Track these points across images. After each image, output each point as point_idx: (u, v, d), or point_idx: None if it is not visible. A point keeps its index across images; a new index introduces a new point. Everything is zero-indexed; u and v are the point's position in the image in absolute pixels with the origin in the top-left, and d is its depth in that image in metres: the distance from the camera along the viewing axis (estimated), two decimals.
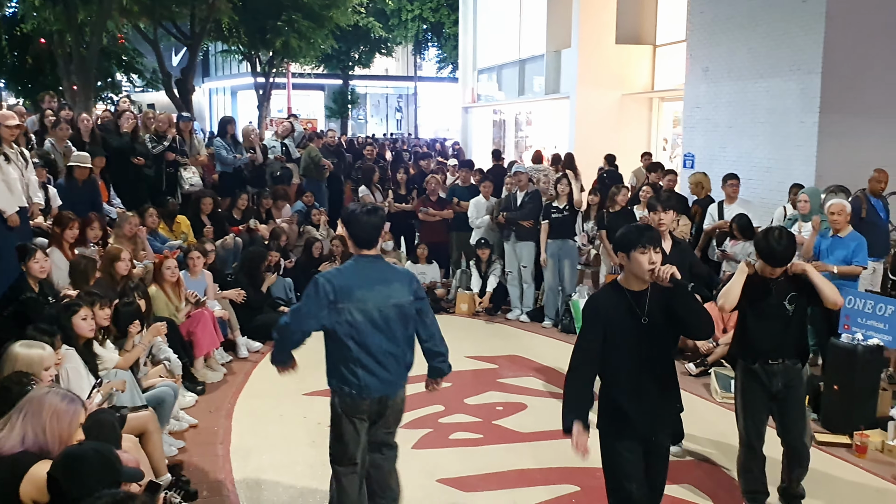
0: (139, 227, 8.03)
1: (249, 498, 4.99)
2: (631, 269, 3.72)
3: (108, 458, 3.11)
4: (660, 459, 3.99)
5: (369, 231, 4.16)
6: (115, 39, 24.29)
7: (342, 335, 4.02)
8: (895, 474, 5.44)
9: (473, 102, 26.21)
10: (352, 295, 4.02)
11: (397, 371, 4.20)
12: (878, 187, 8.62)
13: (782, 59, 11.57)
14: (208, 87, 50.49)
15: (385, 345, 4.09)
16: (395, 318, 4.11)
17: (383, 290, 4.09)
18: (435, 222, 10.59)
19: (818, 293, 4.51)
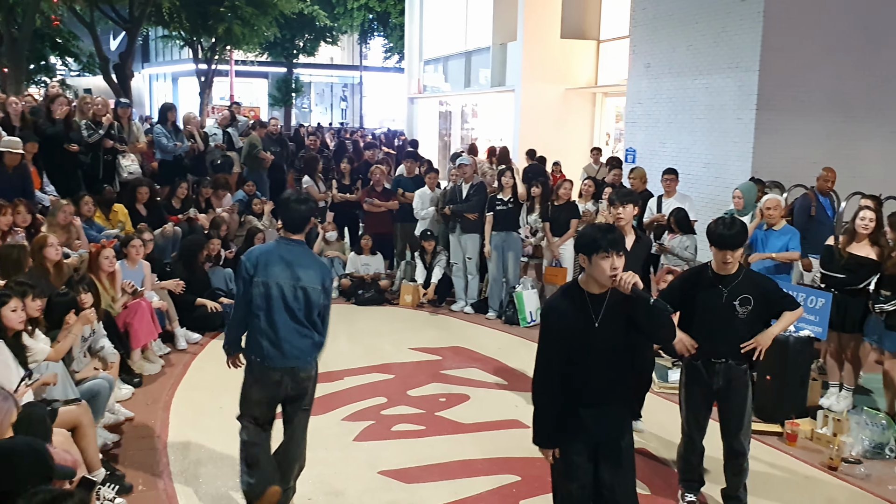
0: (73, 215, 7.81)
1: (187, 491, 4.92)
2: (591, 272, 3.60)
3: (41, 453, 3.04)
4: (613, 461, 3.80)
5: (297, 218, 4.48)
6: (50, 21, 23.55)
7: (254, 307, 4.39)
8: (823, 461, 5.61)
9: (419, 93, 26.16)
10: (267, 270, 4.38)
11: (303, 347, 4.46)
12: (825, 186, 8.77)
13: (721, 57, 11.81)
14: (148, 72, 49.41)
15: (291, 322, 4.40)
16: (303, 299, 4.40)
17: (296, 272, 4.40)
18: (380, 213, 10.54)
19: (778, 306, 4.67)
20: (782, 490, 5.24)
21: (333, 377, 7.08)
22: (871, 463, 5.61)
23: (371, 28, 40.67)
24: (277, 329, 4.37)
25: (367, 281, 9.99)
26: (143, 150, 10.32)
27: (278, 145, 12.48)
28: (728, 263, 4.55)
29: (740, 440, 4.75)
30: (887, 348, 6.16)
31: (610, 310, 3.63)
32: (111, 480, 4.77)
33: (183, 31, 25.86)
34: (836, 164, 11.23)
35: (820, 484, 5.36)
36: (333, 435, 5.83)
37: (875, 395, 6.93)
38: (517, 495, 5.00)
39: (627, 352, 3.72)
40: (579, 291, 3.68)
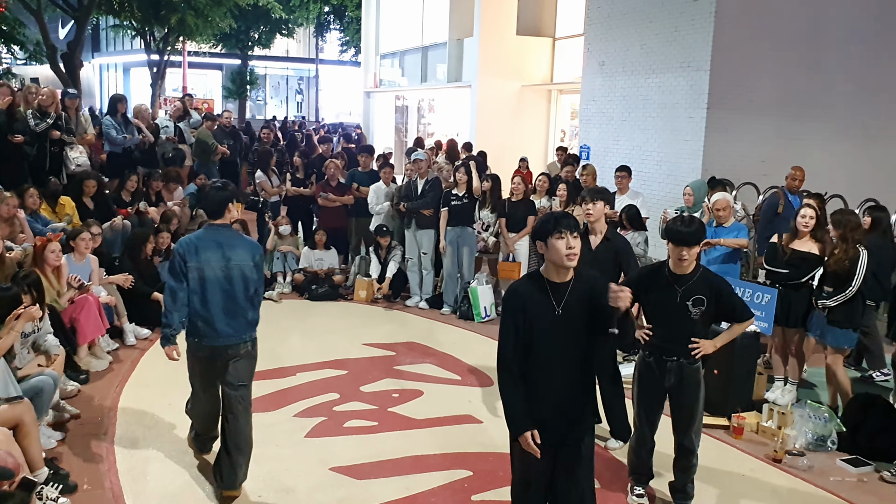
0: (17, 208, 7.61)
1: (134, 490, 4.84)
2: (550, 257, 3.58)
3: None
4: (573, 459, 3.72)
5: (216, 204, 4.78)
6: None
7: (190, 291, 4.64)
8: (768, 454, 5.74)
9: (376, 87, 26.04)
10: (198, 256, 4.64)
11: (237, 326, 4.73)
12: (794, 185, 8.84)
13: (673, 56, 11.98)
14: (99, 62, 48.34)
15: (225, 302, 4.67)
16: (237, 278, 4.69)
17: (226, 253, 4.68)
18: (334, 208, 10.48)
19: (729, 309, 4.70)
20: (728, 482, 5.34)
21: (286, 373, 7.04)
22: (813, 455, 5.74)
23: (327, 21, 40.34)
24: (211, 310, 4.64)
25: (321, 276, 9.92)
26: (91, 142, 10.11)
27: (231, 138, 12.33)
28: (684, 260, 4.55)
29: (690, 438, 4.81)
30: (829, 343, 6.32)
31: (573, 299, 3.59)
32: (55, 480, 4.66)
33: (134, 20, 25.32)
34: (784, 163, 11.47)
35: (764, 475, 5.48)
36: (284, 431, 5.78)
37: (819, 388, 7.13)
38: (469, 490, 5.02)
39: (589, 347, 3.67)
40: (541, 279, 3.65)
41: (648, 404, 4.89)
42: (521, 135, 17.96)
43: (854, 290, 6.10)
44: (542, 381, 3.65)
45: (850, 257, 6.11)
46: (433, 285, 9.72)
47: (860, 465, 5.60)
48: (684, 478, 4.90)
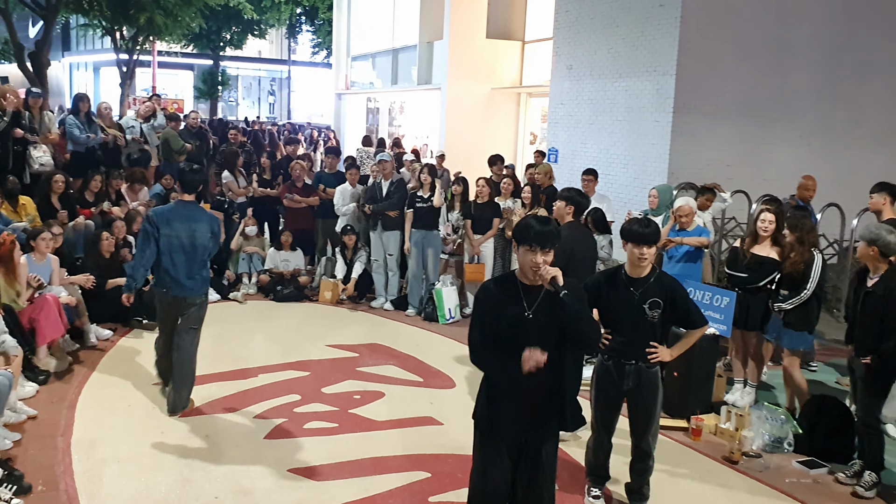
0: None
1: (89, 492, 4.79)
2: (519, 261, 3.66)
3: None
4: (534, 465, 3.75)
5: (189, 183, 6.12)
6: None
7: (160, 251, 5.88)
8: (725, 455, 5.81)
9: (347, 89, 26.00)
10: (169, 224, 5.91)
11: (193, 282, 6.00)
12: (806, 194, 8.69)
13: (639, 60, 12.09)
14: (69, 61, 47.80)
15: (185, 262, 5.92)
16: (199, 246, 5.97)
17: (191, 225, 5.95)
18: (300, 209, 10.46)
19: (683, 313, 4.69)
20: (685, 483, 5.41)
21: (248, 374, 7.02)
22: (770, 456, 5.83)
23: (299, 22, 40.22)
24: (177, 268, 5.90)
25: (287, 277, 9.89)
26: (55, 141, 9.98)
27: (197, 139, 12.23)
28: (643, 260, 4.58)
29: (647, 441, 4.85)
30: (785, 345, 6.41)
31: (544, 302, 3.65)
32: (8, 481, 4.62)
33: (103, 19, 25.05)
34: (748, 167, 11.69)
35: (721, 476, 5.54)
36: (244, 433, 5.76)
37: (777, 391, 7.22)
38: (427, 492, 5.03)
39: (557, 352, 3.65)
40: (514, 280, 3.73)
41: (606, 407, 4.92)
42: (490, 137, 18.01)
43: (809, 293, 6.20)
44: (505, 380, 3.68)
45: (806, 260, 6.21)
46: (398, 287, 9.72)
47: (816, 467, 5.69)
48: (640, 480, 4.96)
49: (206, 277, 6.15)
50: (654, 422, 4.83)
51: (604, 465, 5.06)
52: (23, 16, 30.54)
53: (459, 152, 17.21)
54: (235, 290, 9.67)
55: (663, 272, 4.81)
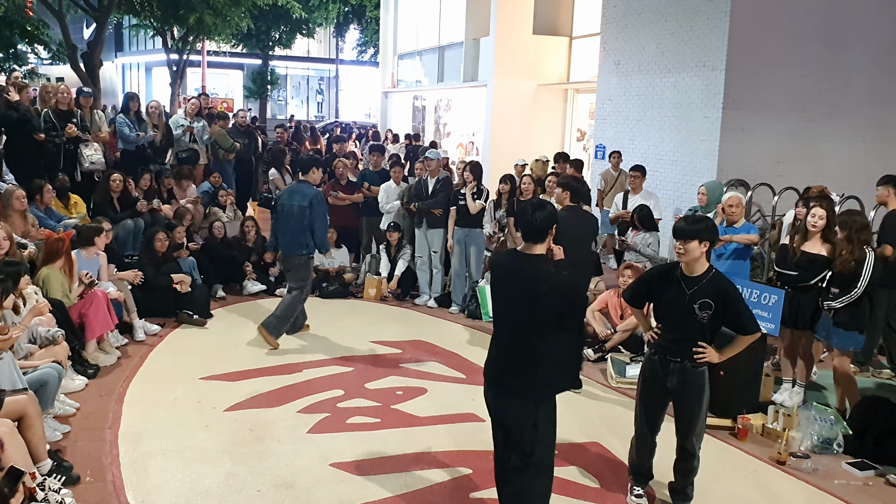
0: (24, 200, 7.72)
1: (135, 483, 4.88)
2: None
3: None
4: (504, 429, 4.19)
5: (304, 164, 8.02)
6: (20, 8, 23.17)
7: (277, 219, 7.97)
8: (772, 456, 5.69)
9: (393, 87, 26.10)
10: (282, 198, 7.86)
11: (293, 243, 7.71)
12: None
13: (688, 55, 11.90)
14: (122, 62, 48.86)
15: (291, 226, 7.65)
16: (297, 214, 7.57)
17: (296, 197, 7.63)
18: (345, 206, 10.52)
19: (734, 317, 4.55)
20: (730, 483, 5.30)
21: (292, 369, 7.08)
22: (818, 457, 5.68)
23: (346, 21, 40.48)
24: (285, 232, 7.73)
25: (332, 274, 9.96)
26: (106, 139, 10.20)
27: (246, 137, 12.39)
28: (680, 255, 4.53)
29: (692, 442, 4.76)
30: (835, 345, 6.25)
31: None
32: (58, 471, 4.72)
33: (154, 20, 25.54)
34: (799, 164, 11.43)
35: (767, 477, 5.43)
36: (287, 427, 5.81)
37: (828, 391, 7.05)
38: (469, 488, 5.02)
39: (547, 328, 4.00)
40: (517, 251, 4.19)
41: (650, 404, 4.86)
42: (536, 134, 17.93)
43: (860, 292, 6.01)
44: (500, 342, 4.19)
45: (857, 258, 6.03)
46: (442, 284, 9.72)
47: (866, 469, 5.54)
48: (684, 480, 4.88)
49: (306, 243, 7.63)
50: (698, 422, 4.73)
51: (646, 464, 4.98)
52: (77, 18, 31.32)
53: (506, 149, 17.15)
54: (282, 287, 9.76)
55: (720, 273, 4.66)
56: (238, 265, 9.71)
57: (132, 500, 4.68)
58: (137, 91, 34.17)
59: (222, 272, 9.58)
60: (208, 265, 9.30)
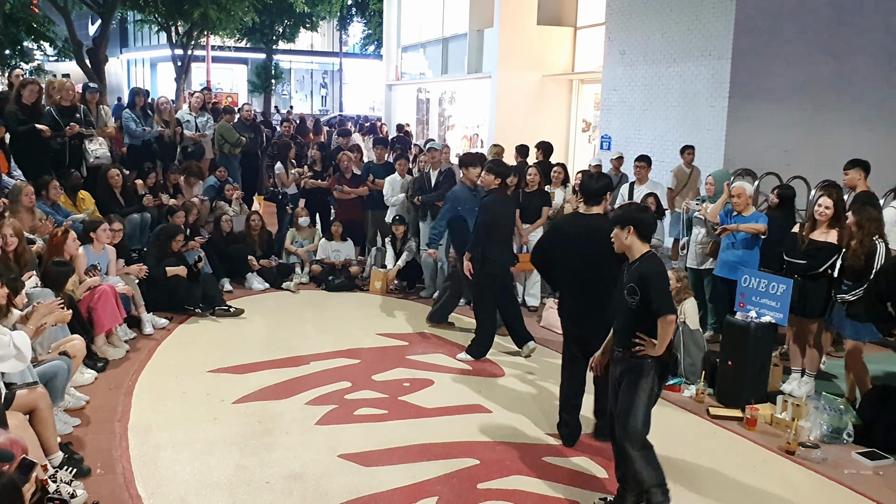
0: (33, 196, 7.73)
1: (145, 475, 4.90)
2: None
3: None
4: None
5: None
6: (26, 6, 23.23)
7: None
8: (781, 445, 5.67)
9: (397, 80, 26.07)
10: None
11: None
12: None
13: (694, 45, 11.85)
14: (126, 57, 48.89)
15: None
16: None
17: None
18: (351, 200, 10.52)
19: (649, 299, 4.31)
20: (738, 473, 5.28)
21: (300, 362, 7.10)
22: (828, 447, 5.66)
23: (350, 14, 40.43)
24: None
25: (338, 267, 9.97)
26: (111, 134, 10.20)
27: (251, 131, 12.39)
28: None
29: (621, 438, 4.43)
30: (848, 336, 6.23)
31: None
32: (69, 464, 4.73)
33: (158, 15, 25.55)
34: (806, 152, 11.38)
35: (776, 467, 5.42)
36: (296, 419, 5.82)
37: (838, 380, 7.02)
38: (476, 478, 5.02)
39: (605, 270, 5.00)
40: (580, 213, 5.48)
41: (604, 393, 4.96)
42: (541, 125, 17.87)
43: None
44: (567, 297, 5.73)
45: (866, 251, 6.01)
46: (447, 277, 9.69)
47: (876, 459, 5.52)
48: (634, 487, 4.47)
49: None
50: (629, 419, 4.37)
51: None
52: (82, 14, 31.34)
53: (511, 141, 17.08)
54: (288, 280, 9.79)
55: (650, 257, 4.40)
56: (243, 259, 9.72)
57: (142, 491, 4.70)
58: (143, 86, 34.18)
59: (228, 266, 9.60)
60: (215, 259, 9.32)
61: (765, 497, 4.99)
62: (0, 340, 4.61)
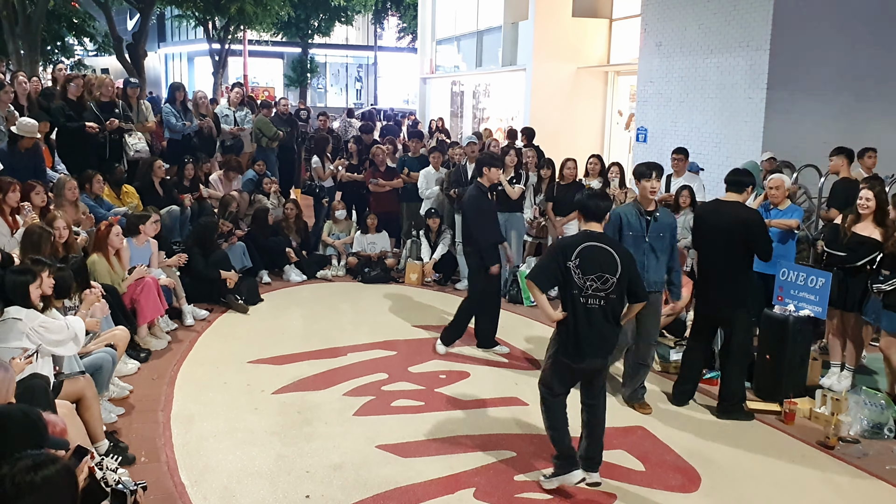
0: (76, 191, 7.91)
1: (188, 464, 5.01)
2: None
3: (34, 419, 3.13)
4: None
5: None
6: (67, 1, 23.66)
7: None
8: (820, 440, 5.63)
9: (432, 73, 26.09)
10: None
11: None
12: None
13: (732, 36, 11.72)
14: (164, 52, 49.46)
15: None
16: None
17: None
18: (386, 193, 10.58)
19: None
20: (777, 468, 5.26)
21: (337, 353, 7.18)
22: (868, 442, 5.62)
23: (385, 8, 40.50)
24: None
25: (374, 259, 10.06)
26: (152, 129, 10.38)
27: (288, 125, 12.51)
28: None
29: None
30: (884, 328, 6.14)
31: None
32: (114, 452, 4.86)
33: (196, 10, 25.86)
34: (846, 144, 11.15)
35: (816, 462, 5.38)
36: (334, 409, 5.90)
37: (879, 375, 6.94)
38: (512, 471, 5.06)
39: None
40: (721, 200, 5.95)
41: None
42: (576, 117, 17.80)
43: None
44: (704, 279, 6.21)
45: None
46: None
47: None
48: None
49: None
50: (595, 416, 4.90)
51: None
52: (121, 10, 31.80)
53: (544, 133, 17.03)
54: (325, 270, 9.92)
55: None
56: (281, 251, 9.84)
57: (186, 480, 4.81)
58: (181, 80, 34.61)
59: (266, 258, 9.74)
60: (254, 251, 9.45)
61: (804, 492, 4.96)
62: (57, 325, 4.76)
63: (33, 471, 2.56)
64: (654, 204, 5.95)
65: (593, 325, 4.61)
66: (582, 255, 4.61)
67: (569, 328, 4.66)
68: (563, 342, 4.73)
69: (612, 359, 5.62)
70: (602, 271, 4.58)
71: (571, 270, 4.60)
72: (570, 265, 4.60)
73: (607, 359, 4.85)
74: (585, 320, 4.61)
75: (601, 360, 4.75)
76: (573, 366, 4.71)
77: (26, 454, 2.61)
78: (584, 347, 4.64)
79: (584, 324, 4.61)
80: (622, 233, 5.85)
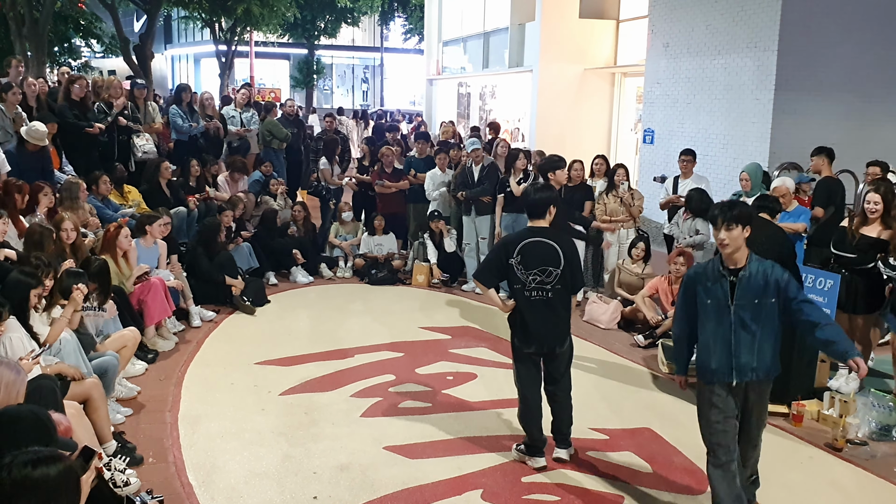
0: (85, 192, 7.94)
1: (195, 464, 5.02)
2: None
3: (43, 420, 3.13)
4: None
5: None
6: (73, 3, 23.74)
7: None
8: (827, 442, 5.62)
9: (438, 74, 26.09)
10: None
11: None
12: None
13: (739, 36, 11.69)
14: (171, 53, 49.60)
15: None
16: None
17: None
18: (393, 194, 10.58)
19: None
20: (785, 469, 5.24)
21: (344, 354, 7.19)
22: (877, 444, 5.60)
23: (391, 9, 40.55)
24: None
25: (380, 261, 10.06)
26: (159, 130, 10.41)
27: (294, 126, 12.52)
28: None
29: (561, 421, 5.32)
30: (893, 328, 6.12)
31: None
32: (122, 452, 4.88)
33: (202, 11, 25.93)
34: (854, 146, 11.14)
35: (823, 464, 5.37)
36: (341, 411, 5.91)
37: (888, 378, 6.90)
38: (520, 472, 5.05)
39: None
40: None
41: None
42: (583, 119, 17.78)
43: None
44: None
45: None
46: None
47: None
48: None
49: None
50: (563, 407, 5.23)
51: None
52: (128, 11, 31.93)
53: (551, 135, 17.07)
54: (332, 271, 9.95)
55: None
56: (288, 253, 9.85)
57: (193, 480, 4.82)
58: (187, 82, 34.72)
59: (273, 259, 9.75)
60: (260, 253, 9.47)
61: (811, 494, 4.95)
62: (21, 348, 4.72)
63: (31, 465, 2.50)
64: (740, 258, 4.14)
65: (538, 316, 4.92)
66: (523, 251, 4.88)
67: (516, 319, 5.02)
68: (514, 330, 5.07)
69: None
70: (545, 265, 4.87)
71: (514, 267, 4.89)
72: (512, 262, 4.89)
73: (560, 345, 5.07)
74: (530, 312, 4.92)
75: (550, 346, 5.01)
76: (525, 350, 5.03)
77: (28, 450, 2.59)
78: (532, 335, 4.95)
79: (529, 315, 4.93)
80: (697, 300, 4.22)
